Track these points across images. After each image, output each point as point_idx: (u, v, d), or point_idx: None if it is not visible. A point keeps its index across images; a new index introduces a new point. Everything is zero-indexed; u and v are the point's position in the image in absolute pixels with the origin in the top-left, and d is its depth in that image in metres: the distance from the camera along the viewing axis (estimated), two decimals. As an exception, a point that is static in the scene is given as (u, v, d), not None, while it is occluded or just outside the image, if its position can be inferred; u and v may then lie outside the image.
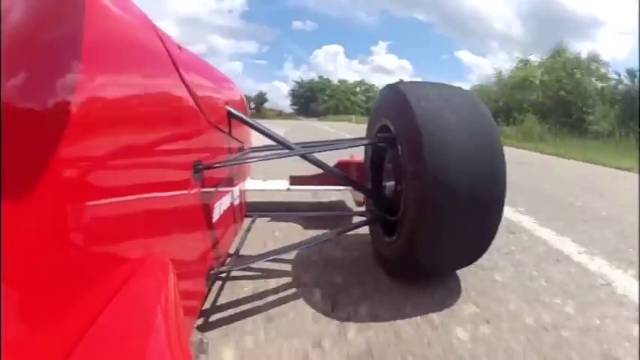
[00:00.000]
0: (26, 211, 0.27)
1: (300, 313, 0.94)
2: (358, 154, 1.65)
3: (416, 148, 0.91)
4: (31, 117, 0.28)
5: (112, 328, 0.34)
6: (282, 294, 1.04)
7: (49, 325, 0.29)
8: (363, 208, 1.72)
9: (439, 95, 0.97)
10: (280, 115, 44.66)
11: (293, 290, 1.06)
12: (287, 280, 1.12)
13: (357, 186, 1.39)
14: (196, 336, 0.62)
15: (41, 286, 0.29)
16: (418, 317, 0.93)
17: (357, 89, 50.08)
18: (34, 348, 0.28)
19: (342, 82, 51.40)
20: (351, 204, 1.93)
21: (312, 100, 47.85)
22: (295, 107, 50.01)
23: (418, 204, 0.91)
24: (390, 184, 1.21)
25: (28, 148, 0.27)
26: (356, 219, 1.67)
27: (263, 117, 34.90)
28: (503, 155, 0.93)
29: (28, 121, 0.27)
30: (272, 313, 0.94)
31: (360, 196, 1.72)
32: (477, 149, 0.89)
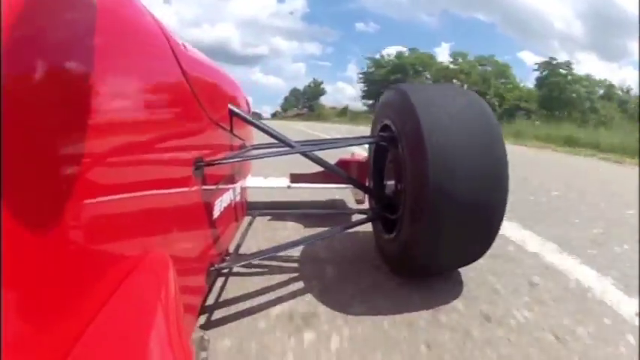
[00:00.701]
0: (26, 208, 0.27)
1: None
2: (359, 153, 1.65)
3: (417, 148, 0.91)
4: (32, 114, 0.28)
5: (113, 325, 0.34)
6: (282, 290, 1.04)
7: (50, 322, 0.29)
8: (363, 206, 1.72)
9: (441, 95, 0.97)
10: (343, 114, 28.04)
11: (293, 286, 1.06)
12: (287, 276, 1.13)
13: (357, 184, 1.40)
14: (197, 333, 0.62)
15: (41, 283, 0.29)
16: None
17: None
18: (34, 344, 0.28)
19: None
20: (351, 204, 1.93)
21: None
22: (370, 102, 26.97)
23: (418, 203, 0.91)
24: (390, 182, 1.22)
25: (28, 145, 0.27)
26: (356, 217, 1.68)
27: (321, 117, 26.77)
28: (505, 157, 0.91)
29: (29, 119, 0.27)
30: (273, 309, 0.94)
31: (360, 195, 1.72)
32: (478, 150, 0.88)
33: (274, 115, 37.80)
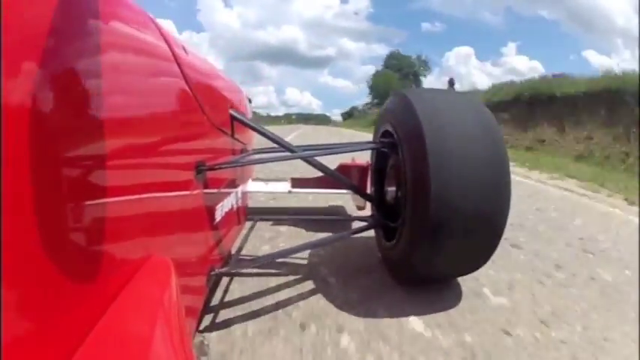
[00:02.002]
0: (27, 211, 0.27)
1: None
2: (360, 158, 1.65)
3: (417, 155, 0.90)
4: (33, 117, 0.28)
5: (115, 328, 0.34)
6: (281, 294, 1.04)
7: (51, 326, 0.29)
8: (364, 212, 1.71)
9: (444, 102, 0.97)
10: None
11: (293, 290, 1.06)
12: (288, 279, 1.12)
13: (358, 191, 1.40)
14: (197, 338, 0.62)
15: (43, 287, 0.29)
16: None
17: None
18: (37, 348, 0.27)
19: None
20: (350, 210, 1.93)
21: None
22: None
23: (418, 212, 0.91)
24: (391, 189, 1.22)
25: (29, 149, 0.27)
26: (357, 224, 1.67)
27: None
28: (508, 166, 0.90)
29: (30, 122, 0.27)
30: (271, 314, 0.94)
31: (361, 201, 1.71)
32: (480, 159, 0.87)
33: (349, 115, 36.04)
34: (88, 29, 0.37)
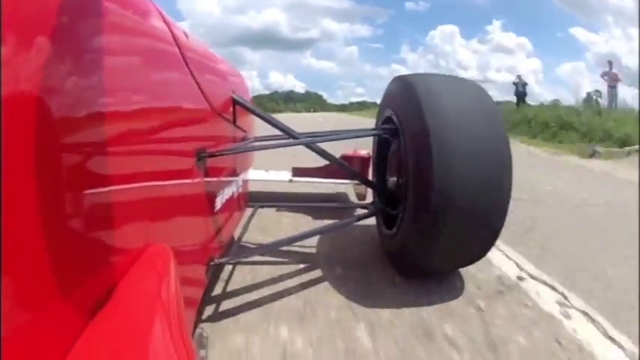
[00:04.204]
0: (28, 197, 0.27)
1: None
2: (361, 148, 1.64)
3: (419, 142, 0.89)
4: (35, 103, 0.27)
5: (115, 317, 0.34)
6: (281, 283, 1.03)
7: (51, 314, 0.29)
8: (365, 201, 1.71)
9: (446, 88, 0.94)
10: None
11: (293, 280, 1.06)
12: (288, 269, 1.12)
13: (360, 179, 1.39)
14: (196, 330, 0.61)
15: (43, 275, 0.28)
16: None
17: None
18: (38, 335, 0.27)
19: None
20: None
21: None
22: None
23: (419, 200, 0.89)
24: (392, 177, 1.20)
25: (28, 135, 0.27)
26: (358, 211, 1.66)
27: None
28: (510, 156, 0.88)
29: (31, 107, 0.27)
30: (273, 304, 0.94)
31: (362, 191, 1.71)
32: (482, 148, 0.85)
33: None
34: (89, 14, 0.36)
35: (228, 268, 1.09)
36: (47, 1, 0.30)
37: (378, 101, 1.33)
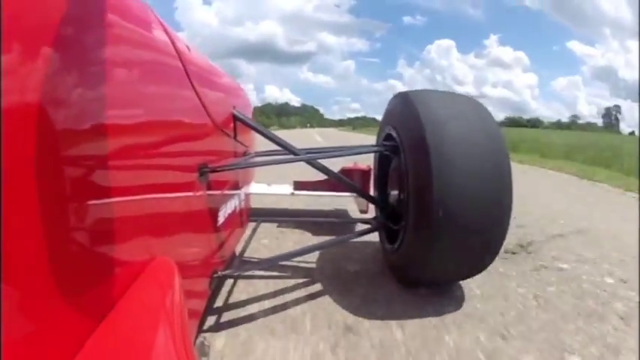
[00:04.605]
0: (31, 213, 0.27)
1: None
2: (362, 162, 1.65)
3: (419, 159, 0.90)
4: (35, 118, 0.27)
5: (119, 330, 0.34)
6: (280, 297, 1.04)
7: (56, 326, 0.29)
8: (367, 215, 1.71)
9: (446, 105, 0.96)
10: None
11: (294, 294, 1.06)
12: (289, 283, 1.12)
13: (361, 193, 1.39)
14: (198, 338, 0.62)
15: (47, 288, 0.29)
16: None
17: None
18: (42, 346, 0.27)
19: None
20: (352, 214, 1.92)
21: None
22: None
23: (419, 215, 0.90)
24: (394, 192, 1.22)
25: (31, 151, 0.27)
26: (359, 226, 1.67)
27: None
28: (510, 171, 0.89)
29: (32, 123, 0.27)
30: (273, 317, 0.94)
31: (364, 205, 1.71)
32: (483, 163, 0.86)
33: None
34: (91, 25, 0.36)
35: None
36: (49, 13, 0.29)
37: (377, 117, 1.35)
